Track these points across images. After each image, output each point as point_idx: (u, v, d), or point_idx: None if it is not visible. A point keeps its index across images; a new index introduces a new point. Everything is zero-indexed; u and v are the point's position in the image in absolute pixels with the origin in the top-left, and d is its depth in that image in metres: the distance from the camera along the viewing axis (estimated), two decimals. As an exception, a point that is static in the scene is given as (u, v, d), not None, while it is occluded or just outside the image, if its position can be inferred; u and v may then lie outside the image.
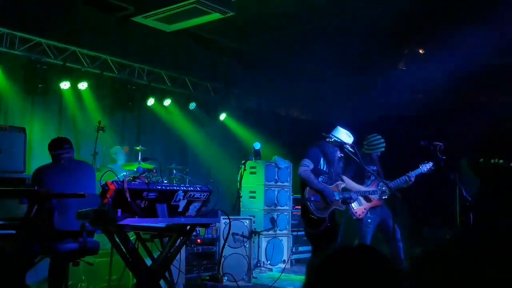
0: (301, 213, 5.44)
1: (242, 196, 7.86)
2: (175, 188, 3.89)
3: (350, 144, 5.35)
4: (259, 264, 7.85)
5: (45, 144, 4.92)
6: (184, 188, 3.93)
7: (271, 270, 7.93)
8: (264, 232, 7.96)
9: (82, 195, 4.00)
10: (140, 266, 3.78)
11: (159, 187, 3.78)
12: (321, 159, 5.29)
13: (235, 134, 10.32)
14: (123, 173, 6.85)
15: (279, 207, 8.36)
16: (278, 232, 8.26)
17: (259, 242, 7.90)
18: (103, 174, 3.81)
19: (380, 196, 5.86)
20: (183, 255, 5.80)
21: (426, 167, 5.92)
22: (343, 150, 5.37)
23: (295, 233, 8.16)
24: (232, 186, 8.24)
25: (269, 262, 8.03)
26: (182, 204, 3.92)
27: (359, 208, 5.86)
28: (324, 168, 5.31)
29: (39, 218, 3.98)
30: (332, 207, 5.25)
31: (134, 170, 7.02)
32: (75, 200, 4.22)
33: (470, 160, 7.20)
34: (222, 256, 6.45)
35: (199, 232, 6.33)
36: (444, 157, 5.45)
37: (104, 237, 4.04)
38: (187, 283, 6.06)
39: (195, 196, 3.97)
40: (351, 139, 5.41)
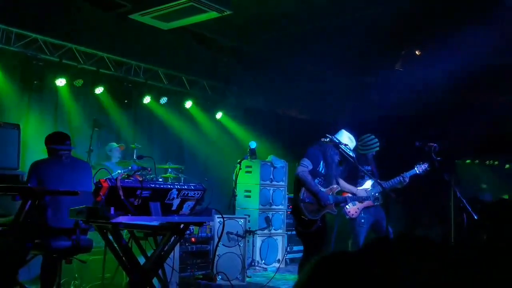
0: (292, 211, 5.43)
1: (237, 195, 7.86)
2: (169, 186, 3.89)
3: (348, 147, 5.35)
4: (253, 264, 7.85)
5: (40, 141, 4.91)
6: (178, 186, 3.92)
7: (265, 269, 7.93)
8: (259, 231, 7.96)
9: (75, 193, 3.99)
10: (133, 264, 3.78)
11: (153, 185, 3.78)
12: (321, 162, 5.26)
13: (231, 133, 10.32)
14: (118, 170, 6.84)
15: (274, 207, 8.36)
16: (273, 231, 8.27)
17: (254, 241, 7.91)
18: (97, 171, 3.80)
19: (373, 202, 5.87)
20: (177, 254, 5.79)
21: (421, 168, 5.93)
22: (338, 149, 5.37)
23: (290, 232, 8.15)
24: (227, 185, 8.25)
25: (263, 261, 8.03)
26: (176, 202, 3.92)
27: (352, 208, 5.87)
28: (321, 170, 5.28)
29: (32, 215, 3.96)
30: (324, 210, 5.25)
31: (129, 168, 7.00)
32: (70, 198, 4.21)
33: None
34: (216, 255, 6.45)
35: (193, 230, 6.33)
36: (439, 158, 5.46)
37: (97, 235, 4.04)
38: (181, 281, 6.04)
39: (189, 195, 3.97)
40: (353, 143, 5.43)
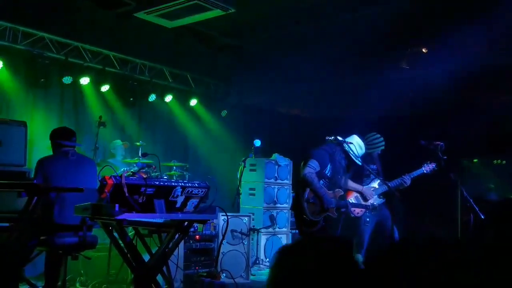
0: (293, 208, 5.46)
1: (241, 193, 7.86)
2: (173, 184, 3.91)
3: (352, 146, 5.37)
4: (257, 262, 7.85)
5: (46, 138, 4.94)
6: (182, 184, 3.94)
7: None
8: (263, 230, 7.96)
9: (80, 190, 4.01)
10: (137, 261, 3.79)
11: (157, 183, 3.79)
12: (328, 165, 5.26)
13: (235, 131, 10.32)
14: (123, 168, 6.87)
15: (279, 205, 8.35)
16: (277, 229, 8.26)
17: (258, 240, 7.91)
18: (102, 168, 3.82)
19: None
20: (181, 251, 5.81)
21: (429, 168, 5.90)
22: (343, 148, 5.38)
23: (294, 231, 8.16)
24: (231, 183, 8.25)
25: (267, 259, 8.02)
26: (180, 200, 3.94)
27: (357, 206, 5.87)
28: (327, 173, 5.29)
29: (38, 212, 3.99)
30: (326, 213, 5.28)
31: (134, 165, 7.04)
32: (75, 194, 4.23)
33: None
34: (221, 253, 6.46)
35: (197, 228, 6.35)
36: (445, 156, 5.44)
37: (102, 231, 4.06)
38: (185, 279, 6.07)
39: (193, 192, 3.98)
40: (362, 151, 5.46)
